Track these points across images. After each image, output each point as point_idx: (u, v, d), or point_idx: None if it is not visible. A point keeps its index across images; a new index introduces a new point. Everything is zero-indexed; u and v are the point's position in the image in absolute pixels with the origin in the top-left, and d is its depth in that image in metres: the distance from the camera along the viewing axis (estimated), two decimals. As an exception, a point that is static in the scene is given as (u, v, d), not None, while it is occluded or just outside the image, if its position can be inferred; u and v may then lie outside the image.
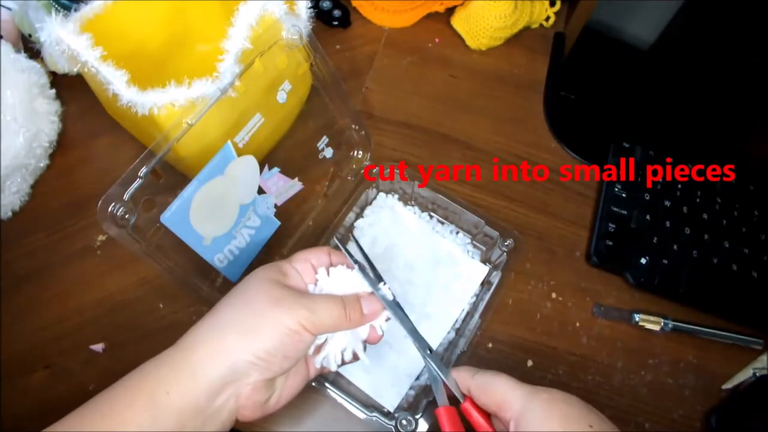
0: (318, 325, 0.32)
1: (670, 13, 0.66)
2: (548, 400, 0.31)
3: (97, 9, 0.43)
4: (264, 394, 0.32)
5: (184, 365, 0.30)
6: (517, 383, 0.32)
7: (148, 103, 0.38)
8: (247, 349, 0.31)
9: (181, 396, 0.29)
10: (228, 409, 0.31)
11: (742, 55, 0.63)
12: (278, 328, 0.31)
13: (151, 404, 0.29)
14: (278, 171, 0.45)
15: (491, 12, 0.59)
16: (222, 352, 0.31)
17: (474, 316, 0.45)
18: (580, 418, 0.30)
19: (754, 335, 0.49)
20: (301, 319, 0.31)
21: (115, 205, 0.33)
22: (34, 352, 0.44)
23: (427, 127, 0.57)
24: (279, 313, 0.31)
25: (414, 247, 0.49)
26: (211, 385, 0.30)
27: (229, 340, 0.31)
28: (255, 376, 0.31)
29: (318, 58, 0.43)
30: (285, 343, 0.31)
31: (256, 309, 0.32)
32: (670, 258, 0.50)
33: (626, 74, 0.66)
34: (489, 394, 0.33)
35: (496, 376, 0.33)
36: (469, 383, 0.34)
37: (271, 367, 0.31)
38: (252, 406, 0.32)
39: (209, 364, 0.30)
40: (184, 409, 0.29)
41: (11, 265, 0.47)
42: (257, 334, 0.31)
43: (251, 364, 0.31)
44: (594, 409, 0.31)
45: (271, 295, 0.32)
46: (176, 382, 0.30)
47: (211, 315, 0.33)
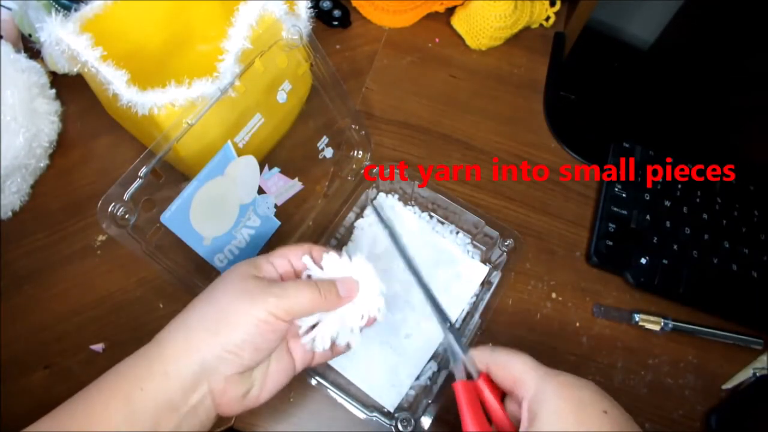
0: (289, 310, 0.32)
1: (670, 13, 0.66)
2: (563, 384, 0.30)
3: (97, 9, 0.43)
4: (240, 387, 0.32)
5: (156, 363, 0.30)
6: (535, 364, 0.32)
7: (148, 103, 0.38)
8: (217, 344, 0.30)
9: (155, 393, 0.29)
10: (205, 407, 0.31)
11: (741, 55, 0.63)
12: (246, 319, 0.31)
13: (127, 402, 0.29)
14: (278, 171, 0.45)
15: (491, 12, 0.59)
16: (191, 348, 0.31)
17: (474, 316, 0.45)
18: (593, 404, 0.29)
19: (754, 335, 0.49)
20: (270, 308, 0.31)
21: (115, 205, 0.33)
22: (34, 352, 0.44)
23: (427, 127, 0.57)
24: (246, 305, 0.31)
25: (414, 247, 0.49)
26: (184, 381, 0.30)
27: (198, 336, 0.31)
28: (226, 370, 0.31)
29: (318, 58, 0.43)
30: (253, 334, 0.31)
31: (224, 303, 0.32)
32: (670, 258, 0.50)
33: (626, 74, 0.66)
34: (507, 371, 0.33)
35: (516, 355, 0.33)
36: (487, 359, 0.34)
37: (242, 360, 0.31)
38: (230, 401, 0.32)
39: (180, 361, 0.30)
40: (159, 407, 0.29)
41: (11, 265, 0.47)
42: (225, 328, 0.31)
43: (220, 359, 0.30)
44: (607, 395, 0.31)
45: (240, 288, 0.32)
46: (150, 379, 0.30)
47: (183, 312, 0.33)
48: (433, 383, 0.43)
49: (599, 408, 0.29)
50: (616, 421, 0.29)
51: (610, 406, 0.30)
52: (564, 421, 0.28)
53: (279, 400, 0.43)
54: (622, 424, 0.29)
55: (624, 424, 0.29)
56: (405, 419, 0.40)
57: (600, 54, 0.67)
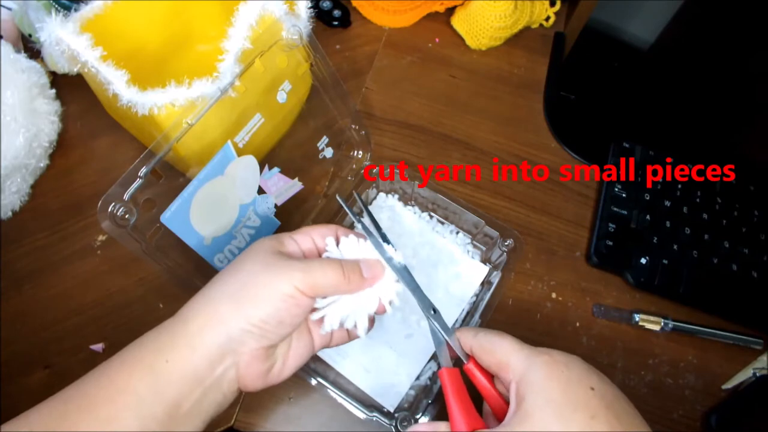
0: (314, 286, 0.32)
1: (670, 13, 0.66)
2: (549, 363, 0.30)
3: (97, 9, 0.43)
4: (264, 362, 0.32)
5: (181, 336, 0.30)
6: (519, 345, 0.31)
7: (148, 103, 0.38)
8: (242, 317, 0.30)
9: (181, 365, 0.29)
10: (228, 379, 0.31)
11: (741, 55, 0.63)
12: (272, 293, 0.31)
13: (151, 373, 0.29)
14: (278, 171, 0.45)
15: (491, 12, 0.59)
16: (217, 321, 0.30)
17: (474, 316, 0.45)
18: (580, 381, 0.29)
19: (754, 335, 0.49)
20: (296, 282, 0.31)
21: (115, 205, 0.33)
22: (34, 352, 0.44)
23: (427, 127, 0.57)
24: (272, 279, 0.31)
25: (414, 247, 0.49)
26: (210, 353, 0.30)
27: (224, 309, 0.31)
28: (252, 344, 0.31)
29: (318, 58, 0.43)
30: (280, 308, 0.31)
31: (250, 277, 0.32)
32: (670, 258, 0.50)
33: (626, 74, 0.66)
34: (491, 355, 0.32)
35: (499, 337, 0.32)
36: (471, 342, 0.33)
37: (268, 334, 0.31)
38: (253, 375, 0.32)
39: (206, 334, 0.30)
40: (184, 378, 0.29)
41: (11, 265, 0.47)
42: (251, 301, 0.31)
43: (247, 332, 0.30)
44: (595, 369, 0.30)
45: (265, 262, 0.32)
46: (175, 351, 0.29)
47: (208, 286, 0.33)
48: (433, 383, 0.43)
49: (586, 384, 0.29)
50: (603, 397, 0.28)
51: (598, 382, 0.29)
52: (551, 400, 0.28)
53: (279, 400, 0.43)
54: (610, 399, 0.28)
55: (612, 399, 0.28)
56: (405, 419, 0.40)
57: (600, 54, 0.67)
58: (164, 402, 0.29)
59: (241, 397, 0.43)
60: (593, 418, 0.27)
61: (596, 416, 0.27)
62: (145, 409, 0.28)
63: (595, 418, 0.27)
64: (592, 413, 0.27)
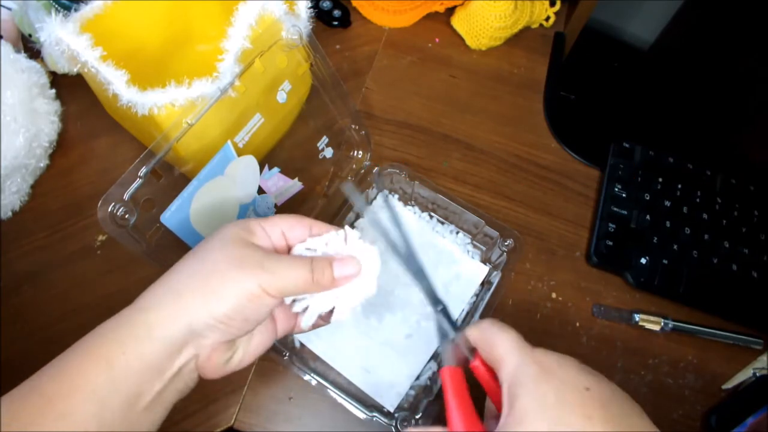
0: (280, 289, 0.31)
1: (670, 13, 0.66)
2: (541, 364, 0.29)
3: (97, 9, 0.43)
4: (224, 355, 0.32)
5: (140, 326, 0.29)
6: (516, 342, 0.30)
7: (148, 103, 0.38)
8: (206, 311, 0.30)
9: (140, 358, 0.28)
10: (188, 370, 0.30)
11: (741, 55, 0.63)
12: (238, 290, 0.30)
13: (108, 367, 0.28)
14: (278, 171, 0.45)
15: (491, 12, 0.59)
16: (179, 313, 0.30)
17: (474, 316, 0.45)
18: (576, 383, 0.28)
19: (754, 335, 0.49)
20: (263, 283, 0.30)
21: (115, 205, 0.33)
22: (34, 352, 0.44)
23: (427, 127, 0.57)
24: (238, 274, 0.30)
25: (414, 247, 0.49)
26: (170, 345, 0.29)
27: (187, 301, 0.30)
28: (214, 338, 0.30)
29: (318, 58, 0.43)
30: (245, 306, 0.30)
31: (216, 269, 0.31)
32: (670, 258, 0.50)
33: (626, 74, 0.66)
34: (492, 348, 0.31)
35: (502, 330, 0.31)
36: (476, 335, 0.32)
37: (231, 329, 0.30)
38: (213, 366, 0.31)
39: (167, 326, 0.29)
40: (143, 371, 0.28)
41: (11, 265, 0.47)
42: (216, 295, 0.30)
43: (210, 327, 0.30)
44: (591, 369, 0.29)
45: (233, 255, 0.31)
46: (133, 343, 0.29)
47: (170, 273, 0.32)
48: (433, 383, 0.43)
49: (581, 386, 0.28)
50: (599, 398, 0.27)
51: (594, 382, 0.28)
52: (544, 402, 0.27)
53: (279, 400, 0.43)
54: (606, 399, 0.28)
55: (609, 399, 0.28)
56: (405, 419, 0.40)
57: (600, 54, 0.67)
58: (123, 395, 0.28)
59: (241, 397, 0.43)
60: (589, 419, 0.27)
61: (592, 417, 0.27)
62: (104, 404, 0.28)
63: (591, 418, 0.27)
64: (588, 414, 0.27)
